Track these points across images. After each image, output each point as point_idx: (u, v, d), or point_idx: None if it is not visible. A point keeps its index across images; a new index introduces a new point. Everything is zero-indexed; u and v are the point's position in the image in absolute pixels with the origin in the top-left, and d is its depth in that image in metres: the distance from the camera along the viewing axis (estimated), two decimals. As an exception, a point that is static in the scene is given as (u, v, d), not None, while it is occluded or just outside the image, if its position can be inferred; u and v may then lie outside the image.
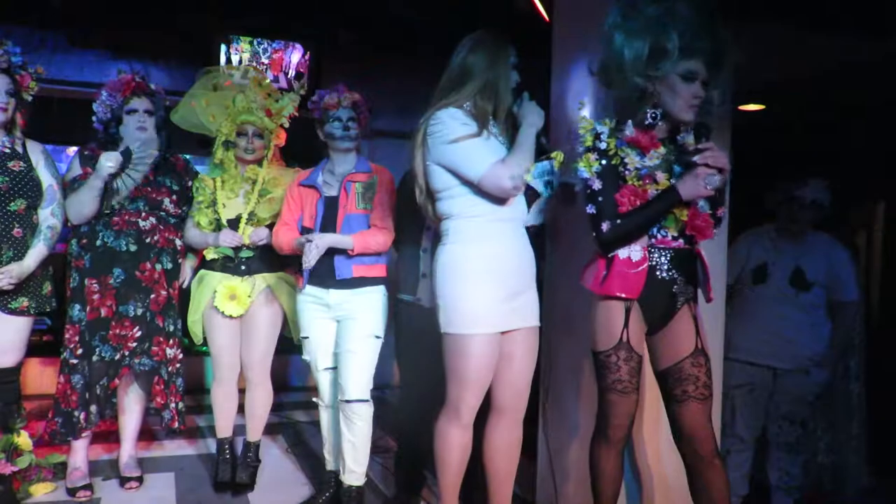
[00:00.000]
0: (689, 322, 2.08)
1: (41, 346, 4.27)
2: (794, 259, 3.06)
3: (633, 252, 2.04)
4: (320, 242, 2.54)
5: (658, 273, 2.05)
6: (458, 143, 2.12)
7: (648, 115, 2.03)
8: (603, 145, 2.05)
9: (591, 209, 2.05)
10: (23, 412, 2.73)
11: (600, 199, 2.03)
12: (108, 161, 2.68)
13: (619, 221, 2.00)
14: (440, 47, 2.42)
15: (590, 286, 2.10)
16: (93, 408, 2.79)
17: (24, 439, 2.69)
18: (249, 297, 2.88)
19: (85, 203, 2.72)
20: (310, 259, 2.52)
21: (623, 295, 2.03)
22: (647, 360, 2.15)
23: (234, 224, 2.87)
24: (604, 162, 2.04)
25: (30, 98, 2.67)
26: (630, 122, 2.07)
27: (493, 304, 2.15)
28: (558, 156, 2.24)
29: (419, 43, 4.45)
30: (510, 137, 2.24)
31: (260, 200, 2.89)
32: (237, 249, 2.86)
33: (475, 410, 2.24)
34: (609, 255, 2.07)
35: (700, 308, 2.13)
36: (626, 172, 2.03)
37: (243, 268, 2.89)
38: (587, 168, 2.05)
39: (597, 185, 2.03)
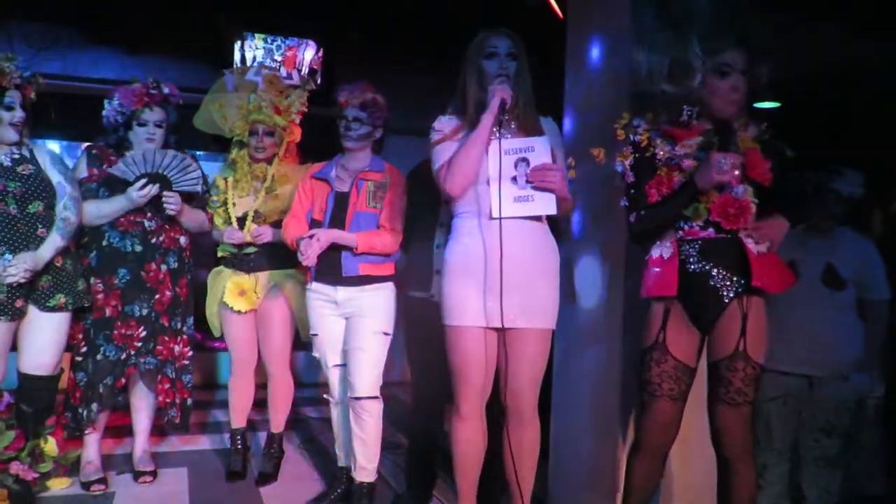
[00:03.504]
0: (735, 322, 1.98)
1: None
2: (823, 256, 2.82)
3: (664, 249, 2.03)
4: (323, 237, 2.53)
5: (688, 266, 1.99)
6: (432, 150, 2.25)
7: (685, 111, 2.02)
8: (637, 138, 2.06)
9: (624, 202, 2.08)
10: (54, 415, 2.72)
11: (633, 191, 2.06)
12: (138, 196, 2.74)
13: (642, 212, 2.01)
14: (451, 45, 2.42)
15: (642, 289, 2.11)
16: (94, 405, 2.79)
17: (50, 446, 2.68)
18: (256, 293, 2.92)
19: (106, 217, 2.78)
20: (309, 256, 2.50)
21: (659, 294, 2.02)
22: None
23: (242, 222, 2.91)
24: (637, 155, 2.06)
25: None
26: (664, 115, 2.07)
27: (473, 296, 2.16)
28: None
29: (431, 41, 4.44)
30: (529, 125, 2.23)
31: (266, 198, 2.91)
32: (240, 247, 2.92)
33: (472, 403, 2.25)
34: (647, 256, 2.08)
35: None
36: (658, 162, 2.03)
37: (251, 264, 2.94)
38: (622, 161, 2.07)
39: (631, 177, 2.06)
